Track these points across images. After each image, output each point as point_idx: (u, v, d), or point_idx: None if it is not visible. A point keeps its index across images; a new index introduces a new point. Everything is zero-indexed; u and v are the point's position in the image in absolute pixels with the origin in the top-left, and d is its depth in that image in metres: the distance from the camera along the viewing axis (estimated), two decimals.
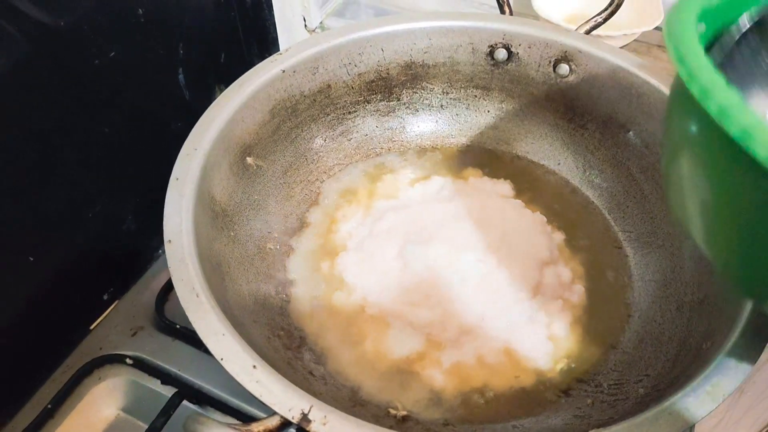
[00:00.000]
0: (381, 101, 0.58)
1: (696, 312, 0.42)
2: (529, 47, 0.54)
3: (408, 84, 0.58)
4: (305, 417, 0.30)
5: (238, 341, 0.33)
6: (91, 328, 0.52)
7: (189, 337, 0.50)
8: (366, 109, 0.58)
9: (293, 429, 0.44)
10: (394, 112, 0.59)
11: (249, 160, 0.49)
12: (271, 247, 0.50)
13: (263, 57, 0.51)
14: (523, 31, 0.54)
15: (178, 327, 0.51)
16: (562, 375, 0.45)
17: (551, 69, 0.54)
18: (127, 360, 0.50)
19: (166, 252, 0.37)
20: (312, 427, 0.30)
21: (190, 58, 0.55)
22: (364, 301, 0.48)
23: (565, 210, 0.55)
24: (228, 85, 0.48)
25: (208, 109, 0.46)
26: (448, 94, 0.59)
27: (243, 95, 0.47)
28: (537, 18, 0.72)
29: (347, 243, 0.52)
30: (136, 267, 0.56)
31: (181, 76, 0.55)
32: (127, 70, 0.49)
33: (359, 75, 0.55)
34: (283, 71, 0.50)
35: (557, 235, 0.53)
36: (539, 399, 0.43)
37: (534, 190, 0.57)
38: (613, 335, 0.47)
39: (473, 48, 0.55)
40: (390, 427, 0.30)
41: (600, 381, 0.44)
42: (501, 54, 0.55)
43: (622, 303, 0.49)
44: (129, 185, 0.53)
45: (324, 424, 0.30)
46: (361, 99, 0.57)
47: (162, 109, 0.55)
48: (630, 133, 0.52)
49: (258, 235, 0.49)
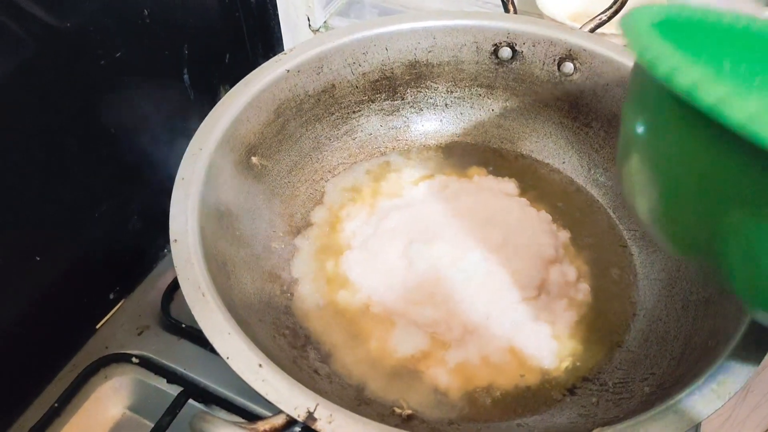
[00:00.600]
0: (385, 100, 0.58)
1: (702, 311, 0.42)
2: (534, 46, 0.54)
3: (412, 83, 0.58)
4: (311, 415, 0.30)
5: (243, 340, 0.33)
6: (97, 327, 0.53)
7: (195, 336, 0.50)
8: (370, 109, 0.58)
9: (298, 428, 0.44)
10: (398, 111, 0.59)
11: (254, 159, 0.49)
12: (276, 247, 0.50)
13: (267, 57, 0.51)
14: (528, 30, 0.54)
15: (183, 326, 0.51)
16: (567, 374, 0.45)
17: (556, 67, 0.54)
18: (133, 359, 0.50)
19: (171, 251, 0.37)
20: (318, 426, 0.30)
21: (194, 58, 0.55)
22: (368, 300, 0.48)
23: (570, 208, 0.55)
24: (233, 86, 0.48)
25: (213, 109, 0.46)
26: (452, 93, 0.59)
27: (248, 95, 0.48)
28: (541, 16, 0.72)
29: (351, 242, 0.52)
30: (141, 266, 0.57)
31: (186, 76, 0.55)
32: (133, 70, 0.49)
33: (364, 74, 0.55)
34: (288, 71, 0.50)
35: (562, 234, 0.53)
36: (544, 398, 0.43)
37: (539, 188, 0.57)
38: (618, 334, 0.47)
39: (477, 47, 0.55)
40: (395, 426, 0.31)
41: (605, 380, 0.43)
42: (505, 53, 0.55)
43: (627, 301, 0.49)
44: (134, 185, 0.53)
45: (330, 422, 0.30)
46: (366, 98, 0.57)
47: (167, 110, 0.55)
48: None
49: (263, 235, 0.49)
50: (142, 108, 0.52)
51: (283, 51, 0.51)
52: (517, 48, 0.55)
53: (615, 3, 0.55)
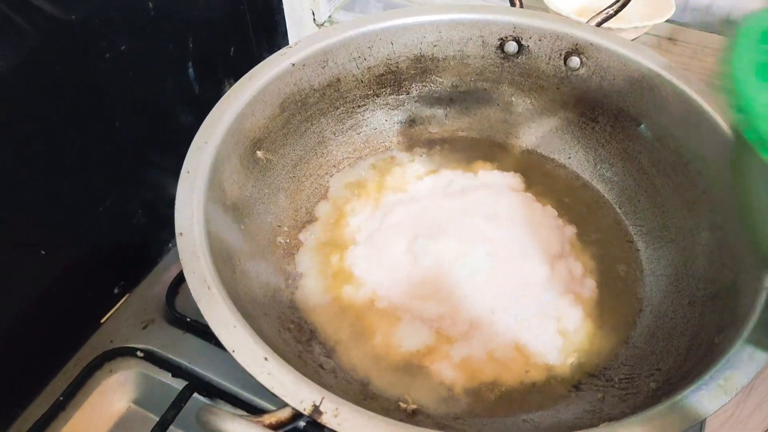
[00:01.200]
0: (390, 95, 0.58)
1: (708, 306, 0.42)
2: (540, 40, 0.54)
3: (417, 77, 0.58)
4: (317, 409, 0.30)
5: (249, 333, 0.33)
6: (102, 321, 0.53)
7: (200, 330, 0.50)
8: (375, 103, 0.58)
9: (303, 422, 0.44)
10: (403, 105, 0.59)
11: (259, 153, 0.49)
12: (281, 241, 0.50)
13: (272, 51, 0.51)
14: (534, 24, 0.53)
15: (188, 320, 0.51)
16: (572, 369, 0.45)
17: (562, 62, 0.54)
18: (138, 353, 0.50)
19: (177, 244, 0.37)
20: (323, 419, 0.30)
21: (199, 52, 0.55)
22: (373, 295, 0.48)
23: (576, 204, 0.55)
24: (237, 79, 0.48)
25: (218, 103, 0.46)
26: (457, 87, 0.58)
27: (253, 89, 0.47)
28: (547, 11, 0.71)
29: (356, 237, 0.52)
30: (146, 260, 0.57)
31: (191, 70, 0.55)
32: (138, 64, 0.49)
33: (369, 68, 0.55)
34: (293, 65, 0.50)
35: (568, 229, 0.53)
36: (550, 393, 0.43)
37: (544, 183, 0.56)
38: (624, 330, 0.46)
39: (483, 41, 0.55)
40: (400, 421, 0.30)
41: (611, 375, 0.43)
42: (511, 47, 0.55)
43: (633, 297, 0.48)
44: (139, 179, 0.53)
45: (335, 416, 0.30)
46: (371, 93, 0.57)
47: (172, 103, 0.55)
48: (641, 126, 0.52)
49: (268, 229, 0.49)
50: (146, 101, 0.52)
51: (288, 45, 0.51)
52: (523, 42, 0.54)
53: None
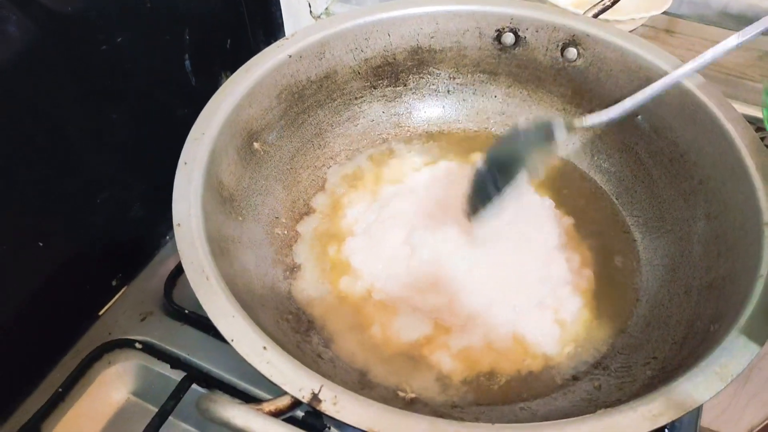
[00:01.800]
0: (387, 87, 0.58)
1: (704, 296, 0.42)
2: (537, 31, 0.54)
3: (415, 69, 0.58)
4: (315, 397, 0.30)
5: (248, 323, 0.33)
6: (100, 313, 0.53)
7: (197, 322, 0.50)
8: (372, 95, 0.58)
9: (302, 412, 0.44)
10: (400, 97, 0.59)
11: (256, 145, 0.49)
12: (279, 232, 0.50)
13: (269, 44, 0.51)
14: (531, 15, 0.53)
15: (186, 312, 0.51)
16: (569, 359, 0.45)
17: (559, 53, 0.54)
18: (137, 344, 0.50)
19: (175, 235, 0.37)
20: (322, 407, 0.30)
21: (196, 44, 0.55)
22: (371, 287, 0.48)
23: (574, 195, 0.55)
24: (234, 72, 0.48)
25: (215, 94, 0.46)
26: (454, 79, 0.59)
27: (250, 80, 0.47)
28: (544, 2, 0.71)
29: (354, 228, 0.52)
30: (144, 253, 0.57)
31: (188, 62, 0.55)
32: (135, 56, 0.49)
33: (366, 60, 0.55)
34: (290, 56, 0.50)
35: (566, 220, 0.53)
36: (547, 382, 0.43)
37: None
38: (621, 319, 0.47)
39: (480, 32, 0.55)
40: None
41: (607, 364, 0.44)
42: (508, 38, 0.55)
43: (630, 287, 0.49)
44: (136, 171, 0.53)
45: (334, 403, 0.30)
46: (368, 84, 0.57)
47: (168, 96, 0.55)
48: (638, 118, 0.52)
49: (265, 220, 0.49)
50: (143, 94, 0.51)
51: (285, 37, 0.51)
52: (520, 33, 0.54)
53: None
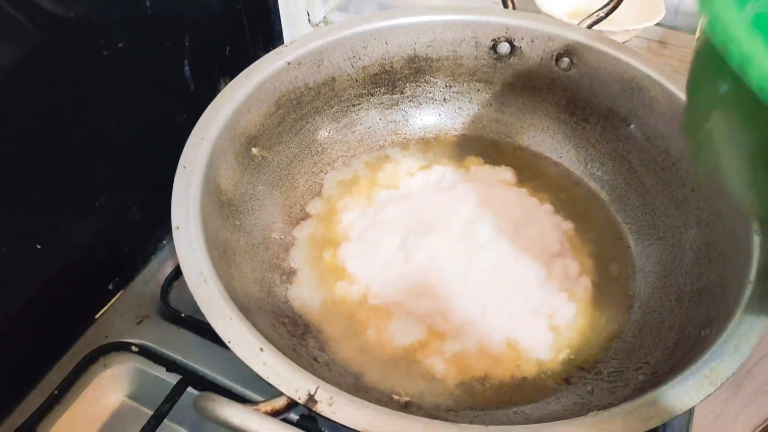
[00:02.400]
0: (385, 94, 0.59)
1: (695, 301, 0.43)
2: (532, 41, 0.55)
3: (411, 77, 0.58)
4: (311, 398, 0.31)
5: (245, 325, 0.34)
6: (97, 316, 0.53)
7: (194, 326, 0.51)
8: (370, 102, 0.58)
9: (296, 416, 0.44)
10: (397, 105, 0.60)
11: (254, 150, 0.49)
12: (276, 237, 0.50)
13: (268, 51, 0.51)
14: (526, 26, 0.54)
15: (183, 315, 0.51)
16: (563, 364, 0.45)
17: (553, 63, 0.55)
18: (133, 348, 0.50)
19: (174, 238, 0.37)
20: (318, 408, 0.30)
21: (195, 50, 0.55)
22: (366, 291, 0.49)
23: (570, 201, 0.56)
24: (232, 78, 0.48)
25: (214, 100, 0.46)
26: (451, 87, 0.59)
27: (249, 86, 0.48)
28: (539, 12, 0.72)
29: (349, 233, 0.52)
30: (141, 256, 0.57)
31: (187, 68, 0.55)
32: (135, 61, 0.49)
33: (363, 68, 0.56)
34: (288, 63, 0.51)
35: (566, 225, 0.54)
36: (540, 387, 0.44)
37: (538, 179, 0.57)
38: (615, 325, 0.47)
39: (476, 42, 0.56)
40: None
41: (600, 369, 0.44)
42: (504, 48, 0.56)
43: (624, 294, 0.49)
44: (134, 175, 0.53)
45: (330, 404, 0.30)
46: (365, 92, 0.58)
47: (168, 101, 0.55)
48: (631, 127, 0.53)
49: (263, 225, 0.50)
50: (143, 99, 0.52)
51: (284, 44, 0.52)
52: (516, 43, 0.55)
53: (612, 0, 0.55)
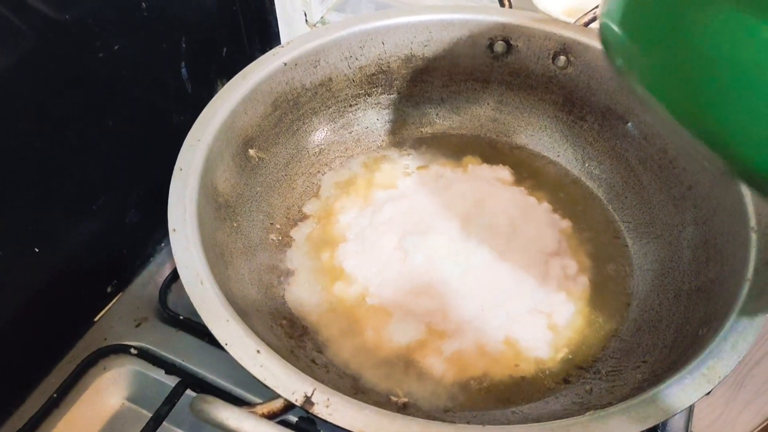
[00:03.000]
0: (382, 94, 0.59)
1: (693, 300, 0.43)
2: (529, 40, 0.55)
3: (408, 77, 0.58)
4: (308, 399, 0.31)
5: (242, 327, 0.34)
6: (95, 319, 0.53)
7: (192, 328, 0.51)
8: (367, 102, 0.58)
9: (295, 417, 0.44)
10: (394, 105, 0.60)
11: (251, 152, 0.49)
12: (273, 238, 0.50)
13: (264, 52, 0.51)
14: (523, 24, 0.54)
15: (181, 318, 0.51)
16: (561, 363, 0.45)
17: (550, 61, 0.55)
18: (132, 350, 0.50)
19: (170, 240, 0.37)
20: (315, 410, 0.30)
21: (192, 51, 0.55)
22: (364, 291, 0.49)
23: (568, 200, 0.56)
24: (229, 79, 0.48)
25: (211, 101, 0.46)
26: (448, 87, 0.59)
27: (245, 87, 0.48)
28: (536, 11, 0.72)
29: (347, 234, 0.52)
30: (139, 259, 0.57)
31: (184, 69, 0.55)
32: (131, 63, 0.49)
33: (360, 68, 0.56)
34: (285, 64, 0.51)
35: (562, 224, 0.53)
36: (539, 386, 0.44)
37: (535, 178, 0.57)
38: (613, 324, 0.47)
39: (473, 41, 0.56)
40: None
41: (599, 368, 0.44)
42: (500, 47, 0.56)
43: (622, 293, 0.49)
44: (132, 178, 0.53)
45: (327, 406, 0.30)
46: (362, 92, 0.57)
47: (164, 103, 0.55)
48: (628, 125, 0.53)
49: (260, 226, 0.50)
50: (139, 100, 0.52)
51: (280, 45, 0.52)
52: (512, 42, 0.55)
53: None
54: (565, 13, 0.71)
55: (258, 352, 0.33)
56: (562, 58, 0.54)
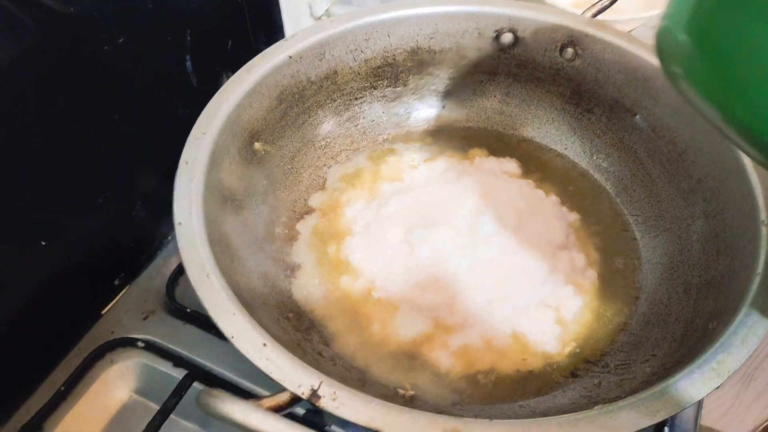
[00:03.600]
0: (387, 87, 0.58)
1: (703, 293, 0.42)
2: (536, 32, 0.54)
3: (414, 70, 0.58)
4: (315, 393, 0.30)
5: (248, 320, 0.34)
6: (103, 312, 0.53)
7: (199, 321, 0.51)
8: (373, 95, 0.58)
9: (303, 409, 0.44)
10: (400, 97, 0.59)
11: (257, 145, 0.49)
12: (279, 232, 0.50)
13: (269, 45, 0.51)
14: (529, 16, 0.54)
15: (188, 311, 0.51)
16: (569, 357, 0.45)
17: (557, 53, 0.54)
18: (139, 343, 0.50)
19: (176, 234, 0.37)
20: (321, 403, 0.30)
21: (197, 45, 0.55)
22: (371, 285, 0.49)
23: (576, 193, 0.55)
24: (234, 72, 0.48)
25: (216, 94, 0.46)
26: (454, 79, 0.59)
27: (250, 81, 0.48)
28: (543, 2, 0.72)
29: (353, 227, 0.52)
30: (146, 252, 0.57)
31: (189, 63, 0.55)
32: (136, 56, 0.49)
33: (366, 61, 0.55)
34: (290, 57, 0.50)
35: (570, 217, 0.53)
36: (546, 380, 0.44)
37: (543, 171, 0.57)
38: (621, 318, 0.47)
39: (479, 33, 0.55)
40: None
41: (607, 362, 0.44)
42: (507, 39, 0.55)
43: (631, 286, 0.49)
44: (138, 171, 0.53)
45: (333, 399, 0.30)
46: (368, 85, 0.57)
47: (170, 96, 0.55)
48: (637, 117, 0.52)
49: (266, 220, 0.49)
50: (144, 94, 0.52)
51: (285, 38, 0.51)
52: (519, 34, 0.55)
53: None
54: (573, 4, 0.70)
55: (264, 345, 0.33)
56: (569, 50, 0.53)
